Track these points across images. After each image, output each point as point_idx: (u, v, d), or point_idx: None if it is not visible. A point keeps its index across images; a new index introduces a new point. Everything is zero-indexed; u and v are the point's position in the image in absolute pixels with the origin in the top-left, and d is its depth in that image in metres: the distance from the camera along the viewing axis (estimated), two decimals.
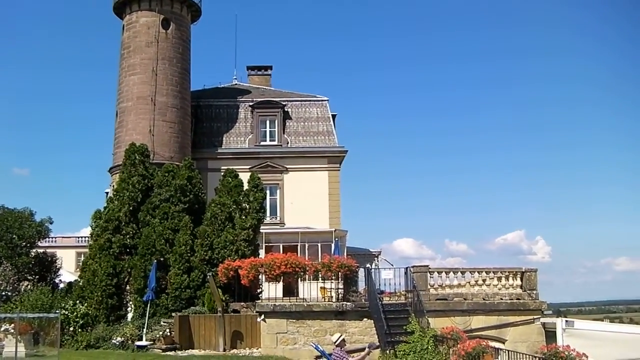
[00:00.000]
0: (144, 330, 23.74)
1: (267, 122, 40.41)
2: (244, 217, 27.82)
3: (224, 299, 24.24)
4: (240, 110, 41.23)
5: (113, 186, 32.27)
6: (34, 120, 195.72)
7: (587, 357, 14.70)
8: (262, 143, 39.95)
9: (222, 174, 30.10)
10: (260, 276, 25.29)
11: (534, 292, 26.23)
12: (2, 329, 22.48)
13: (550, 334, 24.89)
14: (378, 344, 22.13)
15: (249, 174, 30.83)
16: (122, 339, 23.59)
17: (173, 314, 24.95)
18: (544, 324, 25.69)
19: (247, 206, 28.31)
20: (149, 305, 24.68)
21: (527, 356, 17.11)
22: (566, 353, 14.76)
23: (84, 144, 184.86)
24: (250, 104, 40.89)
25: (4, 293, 29.03)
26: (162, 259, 26.58)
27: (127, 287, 27.45)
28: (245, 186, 28.94)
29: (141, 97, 35.84)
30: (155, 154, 33.53)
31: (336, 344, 17.74)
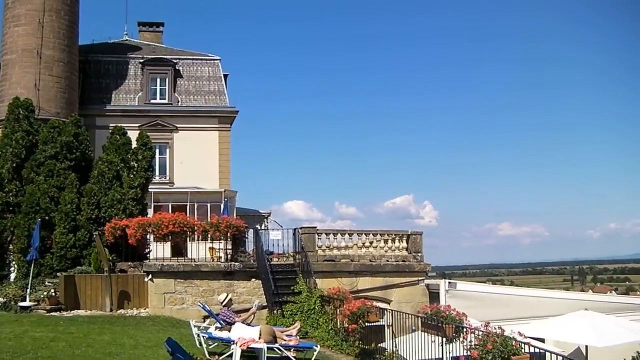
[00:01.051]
0: (28, 290, 23.16)
1: (158, 80, 39.84)
2: (132, 176, 27.47)
3: (110, 258, 23.97)
4: (130, 66, 40.44)
5: None
6: None
7: (466, 316, 15.34)
8: (152, 101, 39.39)
9: (110, 131, 29.54)
10: (148, 236, 25.12)
11: (419, 254, 27.14)
12: None
13: (434, 295, 25.83)
14: (265, 303, 22.49)
15: (138, 132, 30.39)
16: (4, 299, 22.97)
17: (58, 274, 24.45)
18: (428, 286, 26.64)
19: (136, 165, 27.95)
20: (32, 265, 24.09)
21: (411, 316, 17.72)
22: (447, 313, 15.36)
23: None
24: (141, 60, 40.16)
25: None
26: (46, 218, 25.97)
27: (10, 247, 26.74)
28: (134, 144, 28.55)
29: (26, 50, 34.52)
30: (40, 110, 32.43)
31: (223, 304, 17.92)
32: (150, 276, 23.50)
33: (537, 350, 12.20)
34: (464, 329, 14.00)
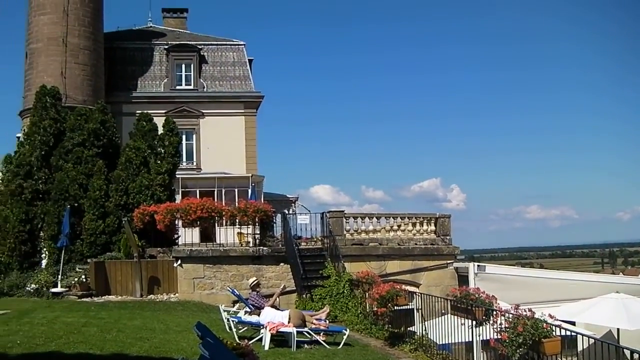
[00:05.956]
0: (59, 276, 23.35)
1: (183, 66, 39.87)
2: (159, 162, 27.53)
3: (140, 244, 24.09)
4: (155, 53, 40.49)
5: (24, 130, 31.34)
6: None
7: (496, 299, 15.16)
8: (178, 87, 39.42)
9: (137, 118, 29.55)
10: (176, 221, 25.19)
11: (448, 237, 26.95)
12: None
13: (463, 279, 25.63)
14: (288, 287, 22.49)
15: (164, 118, 30.41)
16: (37, 286, 23.19)
17: (88, 260, 24.61)
18: (457, 269, 26.45)
19: (162, 151, 28.01)
20: (63, 251, 24.23)
21: (440, 299, 17.59)
22: (476, 295, 15.19)
23: None
24: (166, 47, 40.18)
25: None
26: (76, 205, 26.11)
27: (41, 234, 26.93)
28: (160, 131, 28.59)
29: (52, 38, 34.66)
30: (67, 97, 32.61)
31: (250, 286, 18.00)
32: (179, 261, 23.58)
33: (568, 333, 12.04)
34: (494, 312, 13.85)
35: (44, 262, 26.49)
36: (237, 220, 25.38)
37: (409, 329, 18.97)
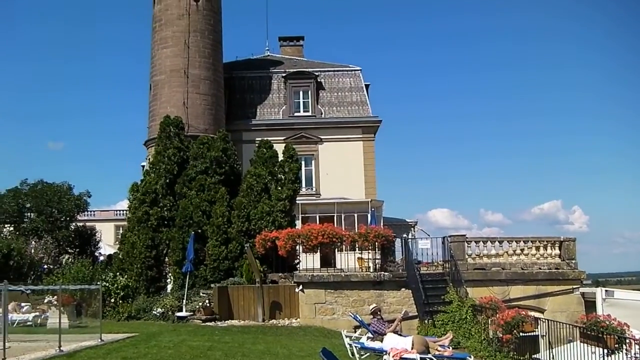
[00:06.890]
0: (184, 301, 23.92)
1: (301, 93, 40.34)
2: (279, 188, 27.81)
3: (261, 269, 24.34)
4: (273, 81, 41.17)
5: (149, 159, 32.39)
6: (67, 95, 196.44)
7: (628, 326, 14.48)
8: (296, 114, 39.88)
9: (257, 145, 30.02)
10: (297, 247, 25.33)
11: (573, 261, 26.03)
12: (46, 300, 22.79)
13: (589, 304, 24.69)
14: (411, 313, 22.15)
15: (284, 145, 30.73)
16: (163, 310, 23.81)
17: (212, 285, 25.10)
18: (583, 294, 25.52)
19: (283, 177, 28.28)
20: (187, 276, 24.83)
21: (567, 325, 16.96)
22: (607, 322, 14.55)
23: (119, 118, 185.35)
24: (283, 75, 40.78)
25: (45, 266, 29.44)
26: (199, 231, 26.71)
27: (166, 259, 27.66)
28: (280, 157, 28.90)
29: (174, 70, 35.83)
30: (189, 127, 33.52)
31: (371, 312, 17.88)
32: (300, 287, 23.66)
33: None
34: (627, 340, 13.23)
35: (169, 287, 27.18)
36: (357, 246, 25.33)
37: (534, 356, 18.40)
